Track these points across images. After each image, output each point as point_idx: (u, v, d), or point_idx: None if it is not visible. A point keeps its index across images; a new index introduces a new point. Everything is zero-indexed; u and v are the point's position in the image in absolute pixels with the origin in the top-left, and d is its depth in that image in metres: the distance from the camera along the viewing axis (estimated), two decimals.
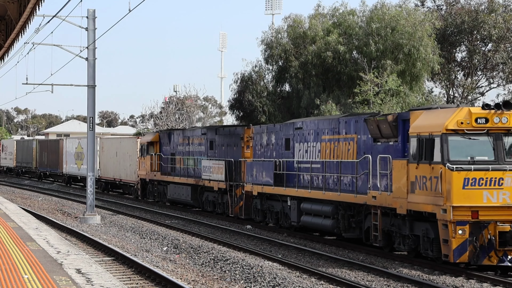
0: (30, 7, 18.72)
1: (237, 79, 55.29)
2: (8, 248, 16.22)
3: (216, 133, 33.72)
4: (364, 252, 22.00)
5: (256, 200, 28.88)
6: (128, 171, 45.81)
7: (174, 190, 37.43)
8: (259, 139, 29.50)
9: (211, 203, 33.83)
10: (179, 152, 37.86)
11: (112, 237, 25.46)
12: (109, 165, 49.55)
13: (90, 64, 30.59)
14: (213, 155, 33.69)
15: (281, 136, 27.69)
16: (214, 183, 32.30)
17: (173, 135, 39.10)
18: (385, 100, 43.42)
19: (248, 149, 30.59)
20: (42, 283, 12.04)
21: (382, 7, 48.85)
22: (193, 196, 35.24)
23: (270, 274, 17.43)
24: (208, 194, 33.91)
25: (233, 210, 30.79)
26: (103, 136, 57.26)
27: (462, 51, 54.59)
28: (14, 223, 22.62)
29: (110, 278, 13.21)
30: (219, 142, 33.34)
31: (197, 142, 35.70)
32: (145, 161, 41.03)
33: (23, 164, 73.00)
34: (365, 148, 22.19)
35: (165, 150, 39.60)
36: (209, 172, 32.71)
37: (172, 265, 19.41)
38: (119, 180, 48.00)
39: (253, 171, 28.60)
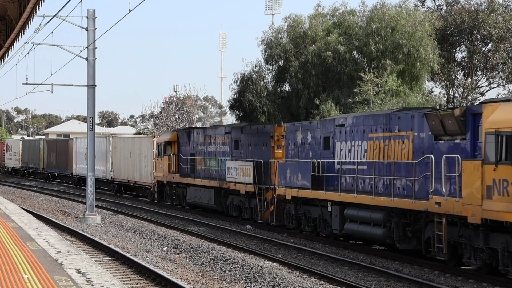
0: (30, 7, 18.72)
1: (237, 79, 55.38)
2: (8, 248, 16.21)
3: (242, 132, 31.30)
4: (364, 252, 22.01)
5: (290, 205, 26.27)
6: (144, 173, 43.31)
7: (194, 193, 35.00)
8: (292, 137, 26.91)
9: (236, 208, 31.27)
10: (200, 152, 35.34)
11: (112, 237, 25.46)
12: (122, 166, 46.96)
13: (90, 64, 30.59)
14: (238, 155, 31.46)
15: (318, 134, 25.20)
16: (240, 186, 29.93)
17: (193, 134, 36.52)
18: (385, 100, 43.42)
19: (279, 149, 28.37)
20: (42, 283, 12.04)
21: (382, 7, 48.87)
22: (216, 199, 32.66)
23: (270, 274, 17.43)
24: (233, 197, 31.43)
25: (263, 216, 28.27)
26: (116, 136, 53.89)
27: (462, 51, 54.60)
28: (14, 223, 22.62)
29: (110, 278, 13.21)
30: (246, 142, 31.02)
31: (220, 142, 33.34)
32: (162, 162, 38.64)
33: (30, 164, 70.13)
34: (423, 147, 19.63)
35: (184, 150, 37.17)
36: (234, 174, 30.36)
37: (172, 265, 19.41)
38: (133, 182, 45.21)
39: (286, 173, 26.11)
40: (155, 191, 40.58)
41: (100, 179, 49.33)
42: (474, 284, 17.06)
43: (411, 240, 19.95)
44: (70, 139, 59.92)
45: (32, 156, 68.83)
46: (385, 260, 20.62)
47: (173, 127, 68.20)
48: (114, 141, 49.15)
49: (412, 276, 18.02)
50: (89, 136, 31.18)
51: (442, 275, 18.16)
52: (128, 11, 20.93)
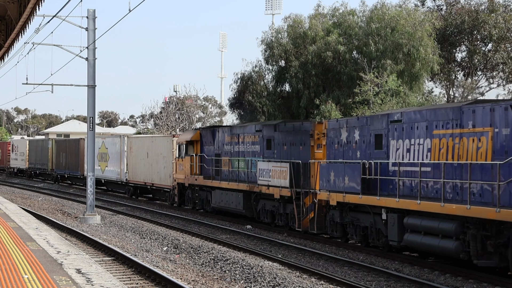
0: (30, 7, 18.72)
1: (237, 79, 55.45)
2: (8, 248, 16.21)
3: (275, 130, 28.50)
4: (364, 252, 21.99)
5: (334, 211, 23.45)
6: (162, 175, 40.46)
7: (220, 197, 31.99)
8: (336, 135, 24.05)
9: (269, 214, 28.40)
10: (226, 152, 32.53)
11: (112, 237, 25.46)
12: (138, 167, 44.03)
13: (90, 64, 30.59)
14: (271, 155, 28.61)
15: (368, 132, 22.29)
16: (274, 190, 27.00)
17: (217, 133, 33.57)
18: (385, 100, 43.45)
19: (320, 149, 25.47)
20: (42, 283, 12.03)
21: (382, 7, 48.92)
22: (245, 204, 29.79)
23: (270, 274, 17.43)
24: (266, 202, 28.54)
25: (302, 223, 25.35)
26: (131, 135, 50.81)
27: (462, 51, 54.65)
28: (14, 223, 22.62)
29: (110, 278, 13.20)
30: (280, 141, 28.12)
31: (250, 141, 30.52)
32: (184, 163, 35.85)
33: (37, 165, 66.89)
34: (507, 145, 16.79)
35: (208, 150, 34.33)
36: (267, 177, 27.52)
37: (172, 265, 19.41)
38: (150, 185, 42.27)
39: (329, 175, 23.15)
40: (175, 194, 37.85)
41: (114, 181, 48.08)
42: (474, 284, 17.05)
43: (493, 256, 17.04)
44: (81, 139, 56.64)
45: (40, 157, 66.03)
46: (385, 260, 20.61)
47: (173, 127, 68.30)
48: (129, 141, 46.45)
49: (412, 276, 18.01)
50: (89, 136, 31.18)
51: (442, 275, 18.15)
52: (128, 11, 20.93)
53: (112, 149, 48.17)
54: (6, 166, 79.03)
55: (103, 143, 50.39)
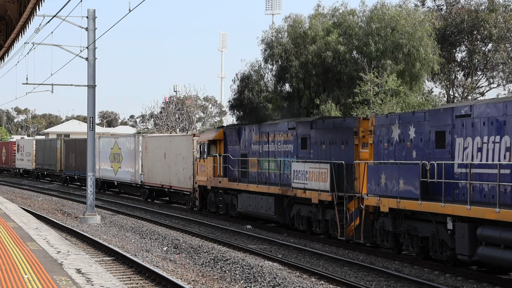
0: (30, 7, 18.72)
1: (237, 79, 55.45)
2: (8, 248, 16.21)
3: (312, 127, 26.01)
4: (364, 252, 22.00)
5: (384, 218, 20.88)
6: (181, 177, 37.83)
7: (248, 201, 29.60)
8: (386, 133, 21.39)
9: (305, 220, 25.91)
10: (254, 152, 30.04)
11: (112, 237, 25.47)
12: (155, 169, 41.52)
13: (90, 64, 30.60)
14: (306, 156, 26.11)
15: (427, 128, 19.66)
16: (312, 194, 24.49)
17: (244, 132, 31.09)
18: (385, 100, 43.45)
19: (366, 148, 23.03)
20: (42, 283, 12.04)
21: (382, 7, 48.90)
22: (277, 209, 27.38)
23: (270, 274, 17.43)
24: (301, 207, 26.03)
25: (345, 231, 22.80)
26: (147, 135, 47.94)
27: (462, 51, 54.64)
28: (14, 223, 22.62)
29: (110, 278, 13.21)
30: (317, 139, 25.62)
31: (281, 140, 27.97)
32: (206, 164, 33.43)
33: (45, 166, 64.32)
34: None
35: (233, 150, 31.88)
36: (303, 179, 25.03)
37: (172, 265, 19.42)
38: (168, 187, 39.71)
39: (380, 178, 20.59)
40: (196, 198, 35.45)
41: (128, 183, 45.65)
42: (474, 284, 17.06)
43: None
44: None
45: (47, 157, 63.40)
46: (385, 260, 20.62)
47: (173, 127, 68.30)
48: (145, 140, 43.81)
49: (412, 276, 18.02)
50: (89, 136, 31.17)
51: (442, 275, 18.16)
52: (128, 11, 20.93)
53: (125, 149, 45.88)
54: (11, 166, 76.68)
55: (115, 143, 48.01)
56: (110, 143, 49.03)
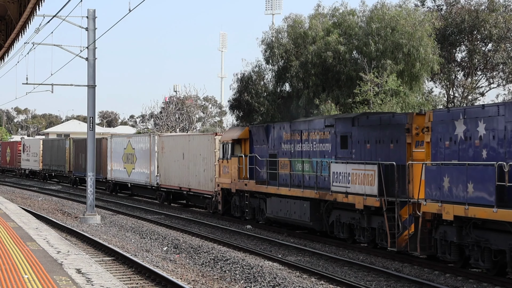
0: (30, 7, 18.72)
1: (237, 79, 55.48)
2: (8, 248, 16.21)
3: (353, 124, 23.47)
4: (364, 252, 22.00)
5: (447, 227, 18.40)
6: (201, 178, 35.49)
7: (278, 206, 27.16)
8: (447, 130, 18.83)
9: (346, 228, 23.39)
10: (285, 152, 27.55)
11: (112, 237, 25.47)
12: (172, 170, 39.13)
13: (90, 64, 30.61)
14: (347, 156, 23.56)
15: (502, 124, 17.10)
16: (355, 198, 21.99)
17: (273, 130, 28.62)
18: (385, 100, 43.46)
19: (421, 147, 20.47)
20: (42, 283, 12.04)
21: (382, 7, 48.94)
22: (313, 215, 24.97)
23: (270, 274, 17.44)
24: (341, 213, 23.58)
25: (397, 241, 20.27)
26: (163, 134, 45.03)
27: (462, 51, 54.67)
28: (14, 223, 22.62)
29: (110, 278, 13.21)
30: (360, 137, 23.05)
31: (317, 138, 25.51)
32: (230, 165, 30.99)
33: (53, 167, 61.53)
34: None
35: (260, 150, 29.43)
36: (344, 182, 22.55)
37: (172, 265, 19.42)
38: (187, 190, 37.20)
39: (441, 181, 18.08)
40: (219, 201, 32.80)
41: (143, 185, 43.05)
42: (474, 284, 17.06)
43: None
44: (103, 138, 51.43)
45: (55, 158, 60.58)
46: (385, 260, 20.62)
47: (173, 127, 68.31)
48: (161, 140, 41.21)
49: (412, 276, 18.02)
50: (89, 136, 31.17)
51: (442, 275, 18.16)
52: (128, 11, 20.93)
53: (140, 149, 43.38)
54: (16, 167, 73.87)
55: (129, 142, 45.49)
56: (123, 143, 46.66)
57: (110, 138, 49.19)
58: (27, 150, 69.09)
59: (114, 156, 47.54)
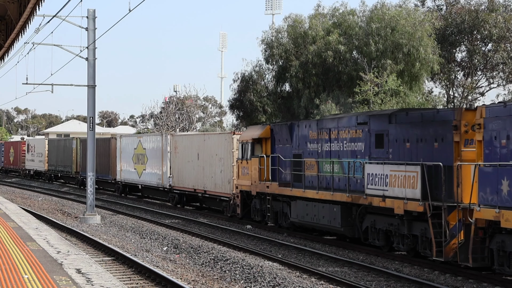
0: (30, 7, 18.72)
1: (237, 79, 55.51)
2: (8, 248, 16.21)
3: (390, 121, 21.41)
4: (364, 252, 21.99)
5: (505, 236, 16.59)
6: (218, 180, 33.53)
7: (304, 210, 25.17)
8: (503, 127, 16.96)
9: (382, 234, 21.30)
10: (311, 152, 25.53)
11: (112, 237, 25.47)
12: (186, 171, 37.19)
13: (90, 64, 30.61)
14: (383, 156, 21.48)
15: None
16: (395, 203, 19.92)
17: (297, 128, 26.61)
18: (385, 100, 43.48)
19: (471, 145, 18.66)
20: (42, 283, 12.04)
21: (382, 7, 48.97)
22: (344, 220, 22.93)
23: (270, 274, 17.44)
24: (377, 219, 21.57)
25: (444, 250, 18.31)
26: (176, 133, 43.32)
27: (462, 51, 54.70)
28: (14, 223, 22.62)
29: (110, 278, 13.21)
30: (398, 135, 21.01)
31: (347, 137, 23.55)
32: (249, 166, 29.10)
33: (59, 167, 59.55)
34: None
35: (283, 150, 27.42)
36: (381, 184, 20.64)
37: (172, 265, 19.42)
38: (202, 192, 35.31)
39: (499, 184, 16.29)
40: (237, 205, 30.86)
41: (154, 187, 41.24)
42: (474, 284, 17.06)
43: None
44: (112, 138, 49.45)
45: (62, 158, 58.62)
46: (385, 260, 20.61)
47: (173, 127, 68.32)
48: (174, 139, 39.20)
49: (412, 276, 18.02)
50: (89, 136, 31.18)
51: (442, 275, 18.16)
52: (128, 11, 20.94)
53: (151, 149, 41.53)
54: (20, 167, 71.70)
55: (139, 142, 43.57)
56: (133, 142, 44.77)
57: (120, 138, 47.43)
58: (32, 150, 67.30)
59: (123, 157, 45.87)
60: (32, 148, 66.99)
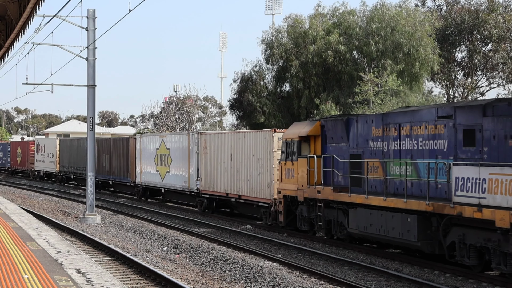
0: (30, 7, 18.72)
1: (237, 79, 55.54)
2: (8, 248, 16.21)
3: (485, 114, 17.73)
4: (364, 252, 21.99)
5: None
6: (255, 184, 30.05)
7: (367, 220, 21.27)
8: None
9: (474, 251, 17.65)
10: (374, 152, 21.80)
11: (112, 237, 25.47)
12: (216, 173, 33.62)
13: (90, 64, 30.62)
14: (475, 156, 17.92)
15: None
16: (496, 214, 16.27)
17: (355, 124, 22.99)
18: (385, 100, 43.49)
19: None
20: (42, 283, 12.04)
21: (382, 7, 49.02)
22: (422, 233, 19.20)
23: (270, 274, 17.44)
24: (467, 232, 17.86)
25: None
26: (205, 132, 39.83)
27: (462, 51, 54.75)
28: (14, 223, 22.62)
29: (110, 278, 13.21)
30: (496, 131, 17.32)
31: (424, 134, 19.91)
32: (296, 167, 25.66)
33: (71, 169, 55.99)
34: None
35: (336, 150, 23.83)
36: (476, 191, 16.92)
37: (172, 265, 19.43)
38: (235, 197, 31.85)
39: None
40: (280, 212, 27.11)
41: (179, 190, 37.79)
42: (474, 284, 17.06)
43: None
44: (131, 138, 46.01)
45: (75, 159, 55.18)
46: (385, 260, 20.61)
47: (173, 127, 68.32)
48: (202, 138, 35.51)
49: (412, 276, 18.02)
50: (89, 136, 31.20)
51: (442, 275, 18.16)
52: (128, 11, 20.94)
53: (176, 149, 38.30)
54: (29, 169, 67.84)
55: (162, 142, 40.17)
56: (155, 142, 41.37)
57: (140, 137, 43.90)
58: (42, 150, 63.69)
59: (144, 158, 42.39)
60: (42, 148, 63.70)
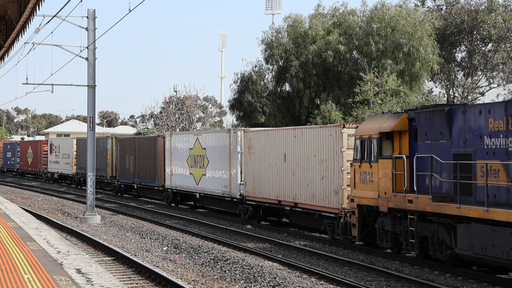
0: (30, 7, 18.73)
1: (237, 79, 55.55)
2: (8, 248, 16.22)
3: None
4: (364, 252, 21.99)
5: None
6: (317, 190, 25.34)
7: (486, 239, 16.43)
8: None
9: None
10: (490, 151, 16.88)
11: (112, 237, 25.47)
12: (265, 177, 29.07)
13: (90, 64, 30.62)
14: None
15: None
16: None
17: (462, 116, 17.95)
18: (385, 100, 43.49)
19: None
20: (42, 283, 12.04)
21: (382, 7, 49.02)
22: None
23: (270, 274, 17.44)
24: None
25: None
26: (250, 129, 32.80)
27: (462, 51, 54.78)
28: (14, 223, 22.62)
29: (110, 278, 13.21)
30: None
31: None
32: (375, 171, 20.93)
33: None
34: None
35: (431, 148, 18.95)
36: None
37: (172, 265, 19.43)
38: (291, 205, 27.14)
39: None
40: (353, 224, 22.35)
41: (218, 196, 33.25)
42: (474, 284, 17.06)
43: None
44: (158, 137, 41.59)
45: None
46: (385, 260, 20.61)
47: (173, 127, 68.33)
48: (247, 136, 30.83)
49: (412, 276, 18.02)
50: (89, 136, 31.19)
51: (442, 275, 18.16)
52: (128, 11, 20.94)
53: (214, 149, 33.85)
54: (41, 170, 63.66)
55: (197, 140, 35.65)
56: (188, 141, 36.81)
57: (170, 136, 39.30)
58: (56, 150, 59.32)
59: (175, 159, 38.05)
60: (56, 149, 59.22)
